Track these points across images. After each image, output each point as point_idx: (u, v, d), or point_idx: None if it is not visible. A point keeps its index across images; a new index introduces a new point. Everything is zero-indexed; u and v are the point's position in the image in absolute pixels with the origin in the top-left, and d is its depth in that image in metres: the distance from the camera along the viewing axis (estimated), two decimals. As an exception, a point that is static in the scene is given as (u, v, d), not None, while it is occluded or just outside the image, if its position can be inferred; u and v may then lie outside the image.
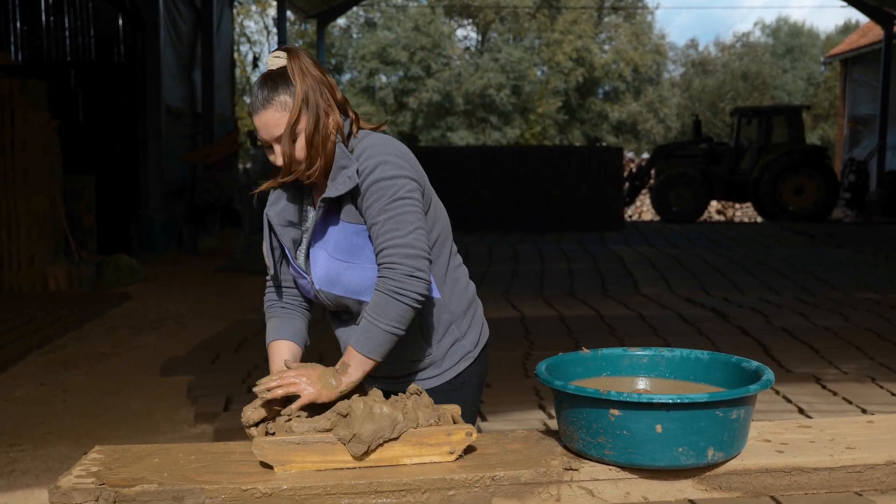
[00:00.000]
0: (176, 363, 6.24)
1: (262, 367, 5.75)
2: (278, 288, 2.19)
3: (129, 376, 5.99)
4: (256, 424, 1.97)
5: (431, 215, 2.10)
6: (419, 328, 2.11)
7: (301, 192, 2.14)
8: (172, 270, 11.35)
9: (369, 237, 2.03)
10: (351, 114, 2.06)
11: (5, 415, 5.10)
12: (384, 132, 2.13)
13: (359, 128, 2.09)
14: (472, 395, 2.24)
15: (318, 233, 2.07)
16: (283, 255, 2.15)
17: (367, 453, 1.85)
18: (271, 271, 2.14)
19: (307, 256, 2.10)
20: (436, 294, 2.12)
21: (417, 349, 2.13)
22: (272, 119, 1.96)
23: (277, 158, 2.00)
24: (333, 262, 2.05)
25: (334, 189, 1.99)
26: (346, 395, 1.97)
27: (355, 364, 1.96)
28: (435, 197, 2.15)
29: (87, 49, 13.50)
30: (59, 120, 10.12)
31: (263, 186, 2.11)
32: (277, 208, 2.10)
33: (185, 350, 6.69)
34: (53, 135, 9.84)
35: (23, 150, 9.26)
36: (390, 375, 2.17)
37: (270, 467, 1.84)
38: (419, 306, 1.97)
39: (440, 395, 2.15)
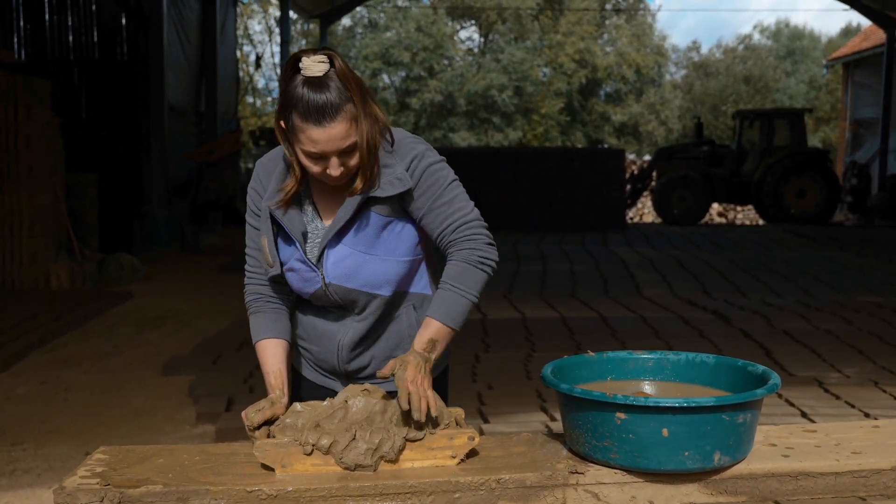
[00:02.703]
0: (178, 362, 6.24)
1: (263, 366, 5.73)
2: (263, 282, 2.13)
3: (130, 375, 5.98)
4: (258, 427, 1.95)
5: None
6: (417, 326, 2.11)
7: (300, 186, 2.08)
8: (174, 268, 11.35)
9: (415, 225, 2.05)
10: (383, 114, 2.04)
11: (7, 413, 5.10)
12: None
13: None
14: (446, 383, 2.29)
15: (343, 227, 2.02)
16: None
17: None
18: (276, 269, 2.06)
19: (321, 251, 2.04)
20: (429, 291, 2.15)
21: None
22: (341, 131, 1.89)
23: (333, 170, 1.92)
24: (356, 255, 2.01)
25: (381, 189, 1.98)
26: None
27: (442, 338, 1.99)
28: None
29: (91, 47, 13.50)
30: (62, 117, 10.12)
31: (283, 197, 2.02)
32: (278, 203, 2.04)
33: (187, 349, 6.69)
34: (56, 132, 9.84)
35: (26, 148, 9.27)
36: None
37: (272, 469, 1.84)
38: (493, 274, 2.04)
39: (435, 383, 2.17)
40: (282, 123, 1.95)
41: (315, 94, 1.87)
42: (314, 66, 1.89)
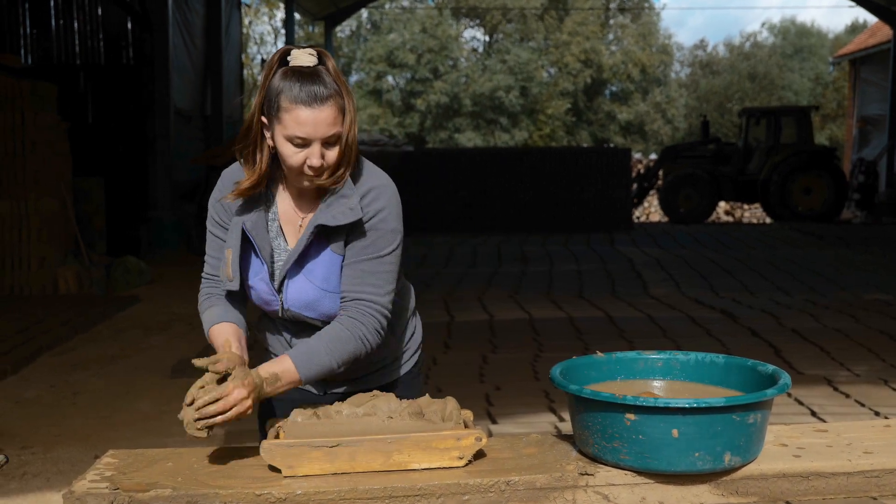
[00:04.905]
0: (185, 365, 6.23)
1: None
2: (218, 286, 2.12)
3: (139, 378, 6.00)
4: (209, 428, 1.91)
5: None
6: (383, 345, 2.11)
7: (268, 203, 2.05)
8: (181, 272, 11.36)
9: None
10: None
11: (16, 416, 5.11)
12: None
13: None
14: (421, 380, 2.31)
15: (302, 256, 1.99)
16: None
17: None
18: (235, 285, 2.01)
19: (283, 277, 2.01)
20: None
21: (387, 353, 2.18)
22: (329, 117, 1.88)
23: (314, 159, 1.90)
24: (316, 291, 2.00)
25: (332, 218, 1.94)
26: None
27: (286, 381, 1.93)
28: None
29: (96, 51, 13.54)
30: (68, 122, 10.15)
31: (239, 192, 1.97)
32: (251, 219, 2.00)
33: (195, 352, 6.68)
34: (63, 137, 9.87)
35: (33, 152, 9.29)
36: (349, 378, 2.14)
37: (279, 471, 1.84)
38: (364, 357, 2.00)
39: (402, 385, 2.20)
40: (262, 119, 1.93)
41: (306, 80, 1.88)
42: (304, 57, 1.91)
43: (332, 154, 1.92)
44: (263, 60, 24.38)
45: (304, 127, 1.87)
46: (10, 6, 13.01)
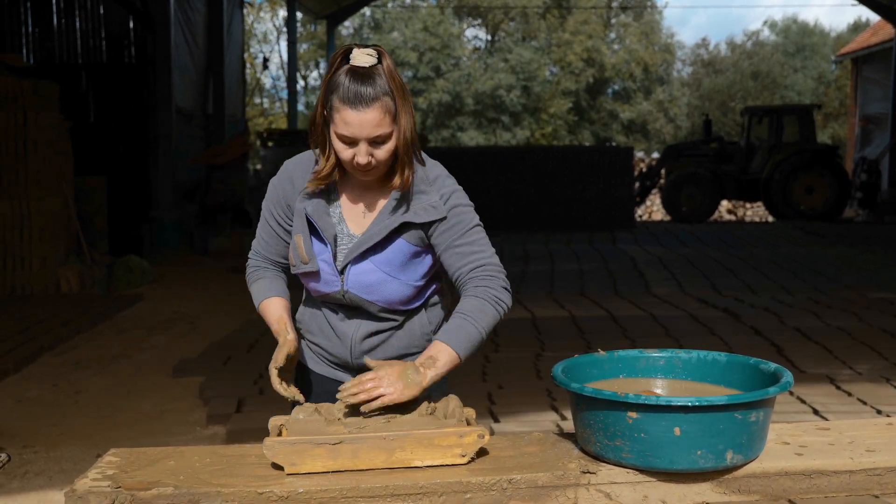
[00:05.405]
0: (188, 364, 6.24)
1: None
2: (266, 263, 2.21)
3: (140, 377, 6.00)
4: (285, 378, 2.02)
5: None
6: (431, 329, 2.18)
7: (329, 190, 2.13)
8: (183, 271, 11.37)
9: (433, 258, 2.11)
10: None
11: (18, 415, 5.12)
12: None
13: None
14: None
15: (373, 243, 2.06)
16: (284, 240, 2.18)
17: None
18: (314, 266, 2.07)
19: (350, 261, 2.08)
20: (439, 294, 2.24)
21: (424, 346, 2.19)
22: (375, 118, 1.94)
23: (361, 157, 1.97)
24: (379, 274, 2.07)
25: (415, 215, 2.04)
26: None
27: (444, 359, 1.99)
28: None
29: (98, 51, 13.55)
30: (70, 121, 10.15)
31: (316, 179, 2.07)
32: (312, 204, 2.09)
33: (197, 351, 6.69)
34: (65, 136, 9.87)
35: (35, 152, 9.29)
36: None
37: (281, 469, 1.84)
38: (503, 317, 2.07)
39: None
40: (324, 112, 2.00)
41: (357, 80, 1.94)
42: (362, 57, 1.96)
43: (382, 153, 1.99)
44: (266, 59, 24.39)
45: (349, 127, 1.95)
46: (12, 5, 13.02)
